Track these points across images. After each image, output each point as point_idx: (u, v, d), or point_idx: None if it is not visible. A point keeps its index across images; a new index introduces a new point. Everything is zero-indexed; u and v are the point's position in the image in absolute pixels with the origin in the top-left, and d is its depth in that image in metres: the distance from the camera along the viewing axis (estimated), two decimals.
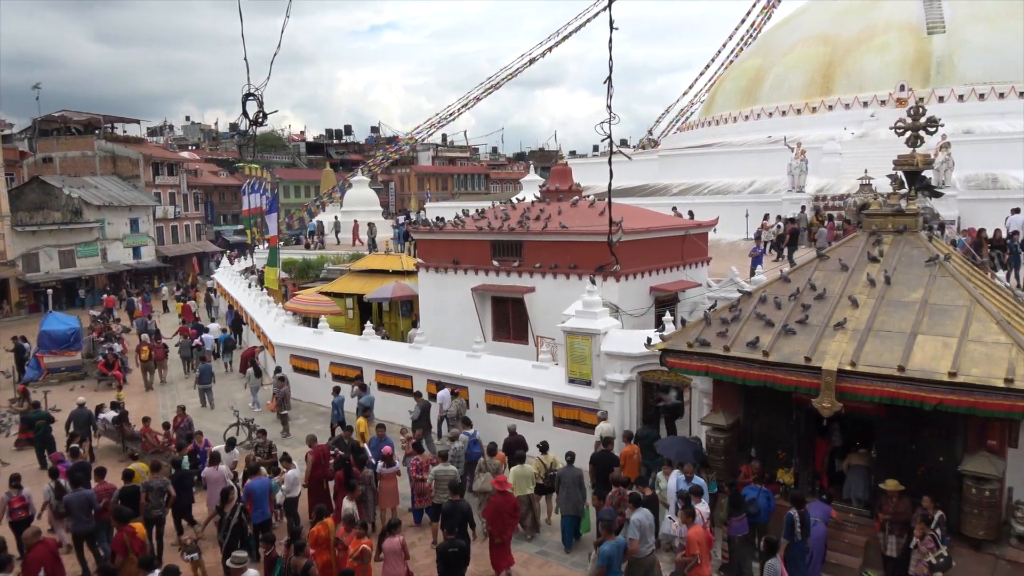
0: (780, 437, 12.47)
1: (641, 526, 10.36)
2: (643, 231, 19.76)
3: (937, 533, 10.05)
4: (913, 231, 12.93)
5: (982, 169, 33.49)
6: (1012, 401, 9.65)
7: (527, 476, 12.97)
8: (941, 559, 9.88)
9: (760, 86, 47.02)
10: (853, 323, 11.48)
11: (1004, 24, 40.49)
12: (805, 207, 30.64)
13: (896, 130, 13.93)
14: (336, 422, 17.35)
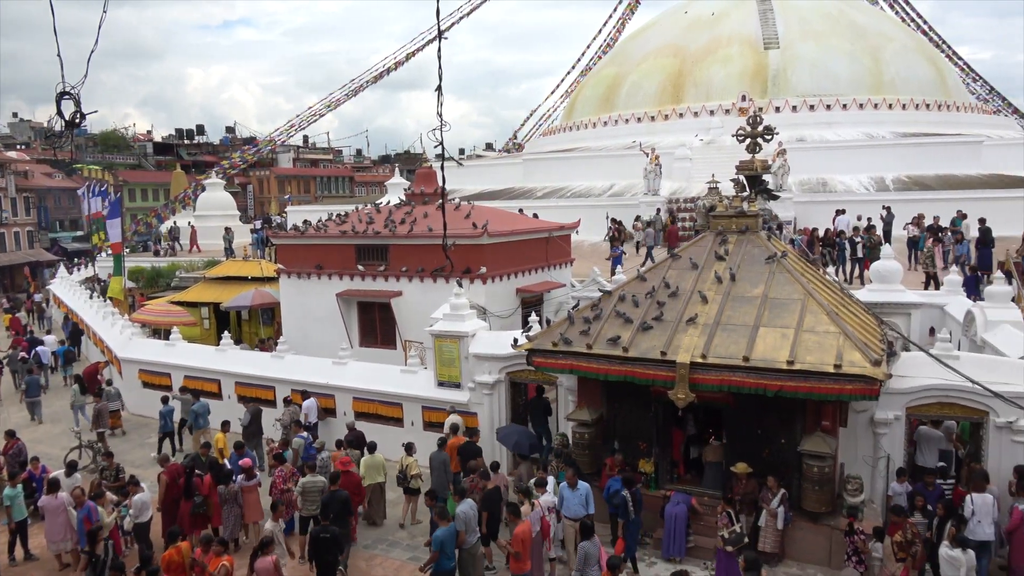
0: (641, 429, 13.03)
1: (466, 517, 10.78)
2: (508, 234, 20.06)
3: (730, 512, 10.99)
4: (754, 231, 13.93)
5: (814, 174, 36.63)
6: (841, 385, 10.61)
7: (376, 466, 13.57)
8: (733, 534, 10.74)
9: (617, 93, 49.05)
10: (703, 318, 12.20)
11: (829, 42, 44.58)
12: (660, 209, 32.23)
13: (737, 137, 14.96)
14: (163, 433, 17.61)
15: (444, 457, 13.53)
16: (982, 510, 10.68)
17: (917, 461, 12.44)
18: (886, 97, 42.84)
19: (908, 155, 37.50)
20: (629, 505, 11.41)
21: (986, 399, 11.28)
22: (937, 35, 58.64)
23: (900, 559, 10.03)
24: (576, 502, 11.55)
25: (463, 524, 10.70)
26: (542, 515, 10.96)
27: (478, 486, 12.09)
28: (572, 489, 11.64)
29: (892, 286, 17.92)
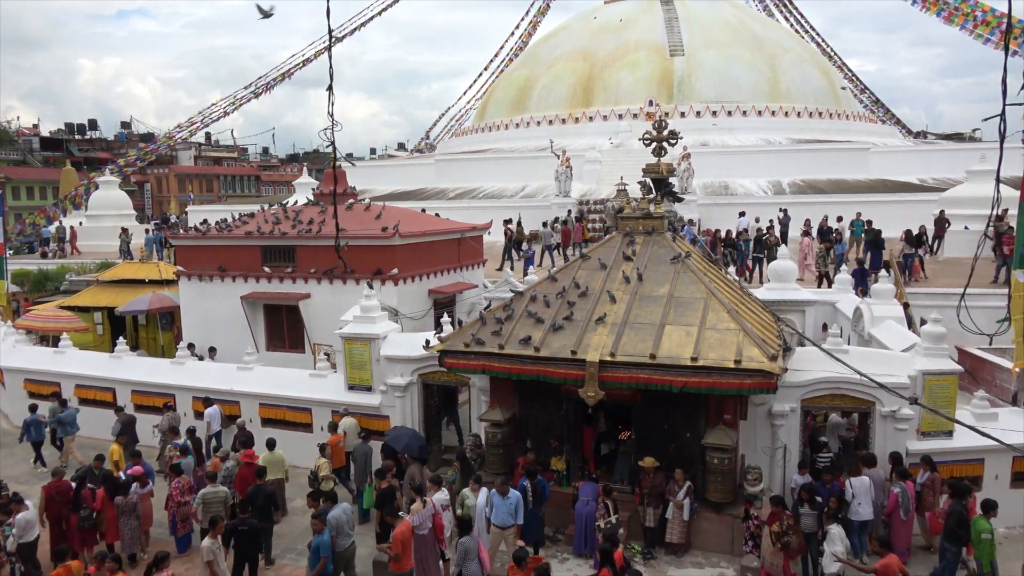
0: (552, 427, 13.19)
1: (337, 521, 10.79)
2: (420, 234, 19.91)
3: (608, 504, 11.37)
4: (660, 232, 14.34)
5: (716, 177, 38.07)
6: (741, 380, 11.06)
7: (276, 461, 13.68)
8: (609, 525, 11.09)
9: (529, 96, 49.54)
10: (612, 317, 12.46)
11: (730, 51, 46.45)
12: (571, 210, 32.71)
13: (643, 141, 15.37)
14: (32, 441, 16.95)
15: (367, 449, 13.76)
16: (860, 492, 11.46)
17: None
18: (782, 105, 45.01)
19: (803, 160, 39.52)
20: (528, 495, 11.64)
21: (872, 390, 12.00)
22: (829, 47, 62.10)
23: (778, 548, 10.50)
24: (505, 510, 11.35)
25: (335, 528, 10.71)
26: (433, 513, 10.97)
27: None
28: (503, 497, 11.40)
29: (788, 285, 18.85)
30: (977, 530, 10.37)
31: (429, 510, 10.88)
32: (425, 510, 10.82)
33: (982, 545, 10.32)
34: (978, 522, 10.42)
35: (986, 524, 10.35)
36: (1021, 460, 12.36)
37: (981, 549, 10.36)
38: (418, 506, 10.85)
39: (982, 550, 10.35)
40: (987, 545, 10.30)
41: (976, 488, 12.62)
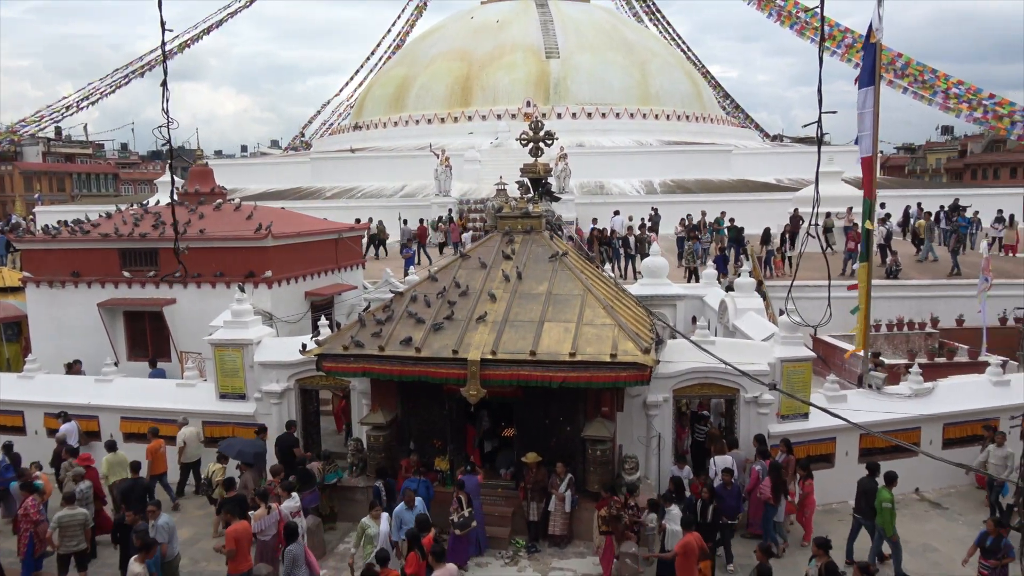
0: (435, 428, 13.14)
1: (169, 528, 10.63)
2: (294, 235, 19.28)
3: (461, 498, 11.45)
4: (538, 231, 14.60)
5: (592, 177, 39.21)
6: (616, 373, 11.44)
7: (120, 462, 13.38)
8: (462, 518, 11.25)
9: (407, 94, 49.09)
10: (493, 316, 12.56)
11: (603, 55, 47.95)
12: (451, 210, 32.70)
13: (520, 142, 15.59)
14: None
15: (260, 446, 13.71)
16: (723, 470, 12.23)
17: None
18: (653, 108, 46.96)
19: (672, 161, 41.42)
20: (382, 495, 11.73)
21: (736, 378, 12.74)
22: (694, 54, 65.31)
23: (603, 532, 10.95)
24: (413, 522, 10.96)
25: (165, 535, 10.49)
26: (279, 520, 10.76)
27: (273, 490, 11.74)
28: (409, 509, 11.05)
29: (660, 280, 19.68)
30: (880, 500, 11.27)
31: (273, 517, 10.69)
32: (269, 516, 10.64)
33: (884, 513, 11.24)
34: (881, 492, 11.34)
35: (888, 494, 11.29)
36: (867, 437, 13.49)
37: (883, 517, 11.24)
38: (261, 512, 10.67)
39: (884, 518, 11.25)
40: (888, 513, 11.21)
41: (827, 465, 13.76)
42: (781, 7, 46.71)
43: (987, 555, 10.11)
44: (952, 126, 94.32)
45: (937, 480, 14.32)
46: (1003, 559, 9.96)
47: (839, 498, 13.88)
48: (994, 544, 10.10)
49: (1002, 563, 9.99)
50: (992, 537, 10.14)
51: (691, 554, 10.05)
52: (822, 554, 9.37)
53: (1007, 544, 9.99)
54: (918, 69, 42.08)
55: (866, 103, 14.99)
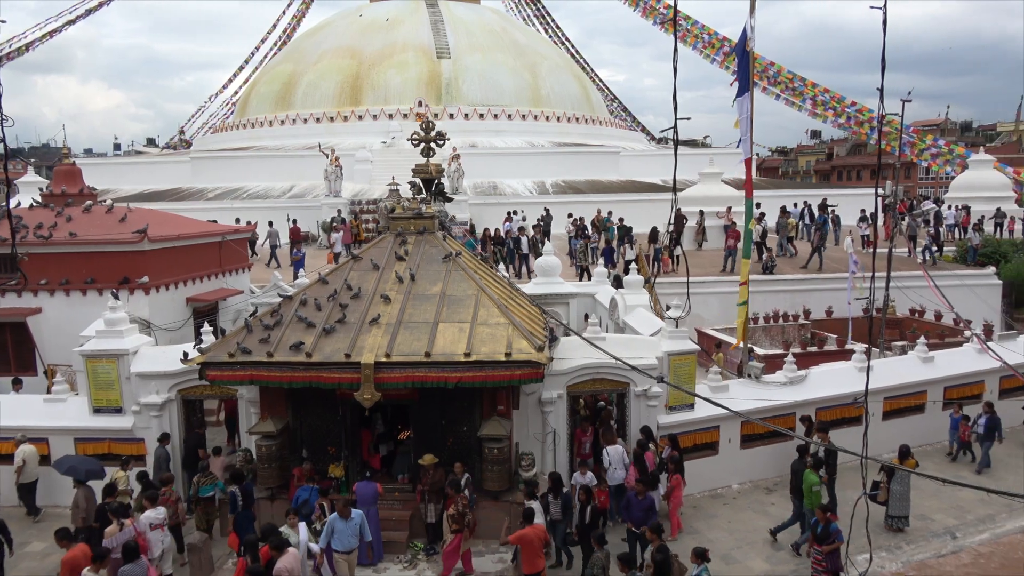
0: (329, 434, 12.81)
1: None
2: (174, 238, 18.32)
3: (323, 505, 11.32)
4: (432, 232, 14.52)
5: (486, 178, 39.45)
6: (511, 371, 11.53)
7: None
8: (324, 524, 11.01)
9: (294, 92, 47.68)
10: (386, 318, 12.39)
11: (494, 56, 48.29)
12: (341, 210, 32.03)
13: (412, 142, 15.46)
14: None
15: (164, 453, 13.35)
16: (615, 459, 12.76)
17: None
18: (544, 110, 47.73)
19: (563, 162, 42.29)
20: (238, 501, 11.57)
21: (627, 372, 13.13)
22: (582, 58, 66.87)
23: (454, 530, 11.11)
24: (349, 533, 10.60)
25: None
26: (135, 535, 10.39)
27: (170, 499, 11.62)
28: (345, 519, 10.59)
29: (553, 279, 20.02)
30: (808, 483, 11.95)
31: (127, 532, 10.22)
32: (121, 533, 10.17)
33: (811, 496, 11.90)
34: (808, 476, 12.02)
35: (814, 477, 11.97)
36: (748, 424, 14.25)
37: (811, 499, 11.90)
38: (112, 529, 10.20)
39: (811, 499, 11.89)
40: (816, 496, 11.87)
41: (712, 452, 14.43)
42: (664, 15, 48.63)
43: (819, 541, 10.70)
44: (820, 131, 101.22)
45: None
46: (832, 543, 10.53)
47: (724, 483, 14.60)
48: (824, 531, 10.66)
49: (832, 547, 10.54)
50: (822, 524, 10.71)
51: (527, 546, 10.26)
52: (655, 538, 9.96)
53: (835, 529, 10.57)
54: (789, 77, 44.93)
55: (743, 109, 15.80)
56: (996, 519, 13.37)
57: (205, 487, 12.34)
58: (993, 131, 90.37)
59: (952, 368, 16.99)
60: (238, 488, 11.83)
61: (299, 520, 10.63)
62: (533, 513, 10.69)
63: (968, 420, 15.63)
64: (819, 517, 10.85)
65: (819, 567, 10.73)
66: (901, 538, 12.70)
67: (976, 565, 11.89)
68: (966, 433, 15.63)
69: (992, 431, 15.21)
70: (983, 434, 15.22)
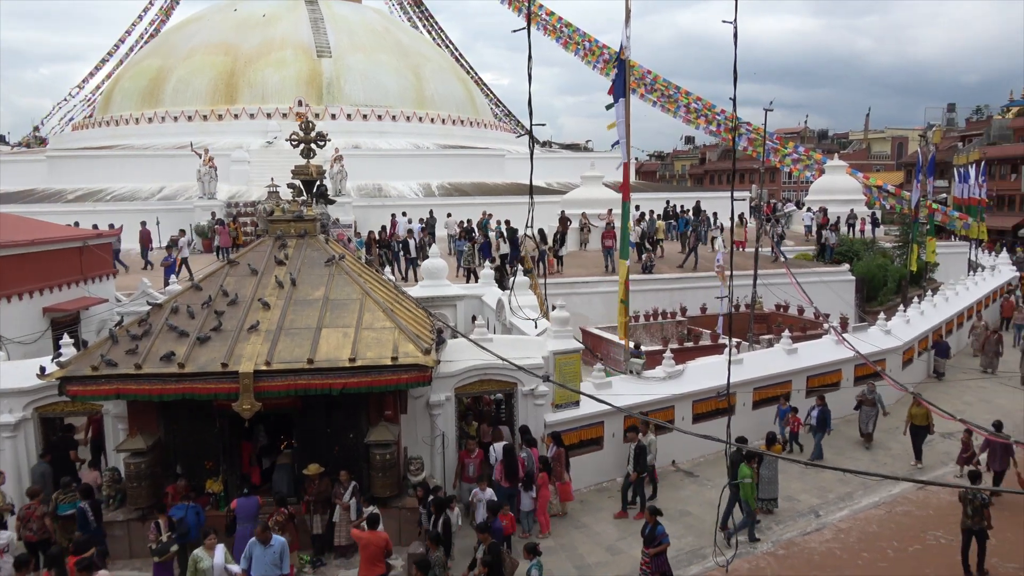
0: (206, 448, 12.22)
1: None
2: (26, 244, 16.91)
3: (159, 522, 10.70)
4: (313, 235, 14.14)
5: (370, 180, 38.83)
6: (398, 375, 11.42)
7: None
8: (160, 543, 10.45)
9: (163, 88, 45.14)
10: (266, 324, 11.95)
11: (377, 56, 47.59)
12: (215, 213, 30.62)
13: (291, 142, 15.00)
14: None
15: (44, 468, 12.47)
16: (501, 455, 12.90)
17: None
18: (428, 112, 47.51)
19: (449, 164, 42.27)
20: (89, 516, 11.12)
21: (514, 372, 13.28)
22: (466, 61, 67.09)
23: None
24: (268, 560, 9.87)
25: None
26: None
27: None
28: (264, 546, 9.88)
29: (440, 282, 19.99)
30: (741, 475, 12.38)
31: None
32: None
33: (744, 487, 12.39)
34: (743, 468, 12.43)
35: (747, 470, 12.43)
36: (630, 418, 14.75)
37: (744, 490, 12.40)
38: None
39: (745, 491, 12.40)
40: (749, 487, 12.37)
41: (597, 447, 14.83)
42: (545, 20, 49.56)
43: (646, 543, 10.85)
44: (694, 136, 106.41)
45: (689, 452, 16.00)
46: (659, 546, 10.73)
47: (609, 477, 15.05)
48: (650, 532, 10.80)
49: (659, 550, 10.72)
50: (649, 525, 10.88)
51: (364, 549, 10.19)
52: (486, 537, 10.15)
53: (661, 532, 10.76)
54: (664, 85, 46.89)
55: (621, 114, 16.36)
56: (854, 496, 14.51)
57: (63, 504, 11.47)
58: (846, 139, 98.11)
59: (813, 359, 18.29)
60: (88, 504, 11.24)
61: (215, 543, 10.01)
62: (377, 519, 10.56)
63: (796, 412, 16.38)
64: (647, 519, 10.98)
65: (647, 569, 10.83)
66: (771, 519, 13.53)
67: (837, 540, 12.85)
68: (796, 425, 16.34)
69: (824, 423, 16.11)
70: (815, 426, 16.06)
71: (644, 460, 13.61)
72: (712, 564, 11.85)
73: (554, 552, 12.31)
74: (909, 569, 11.91)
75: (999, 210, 57.60)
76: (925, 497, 14.47)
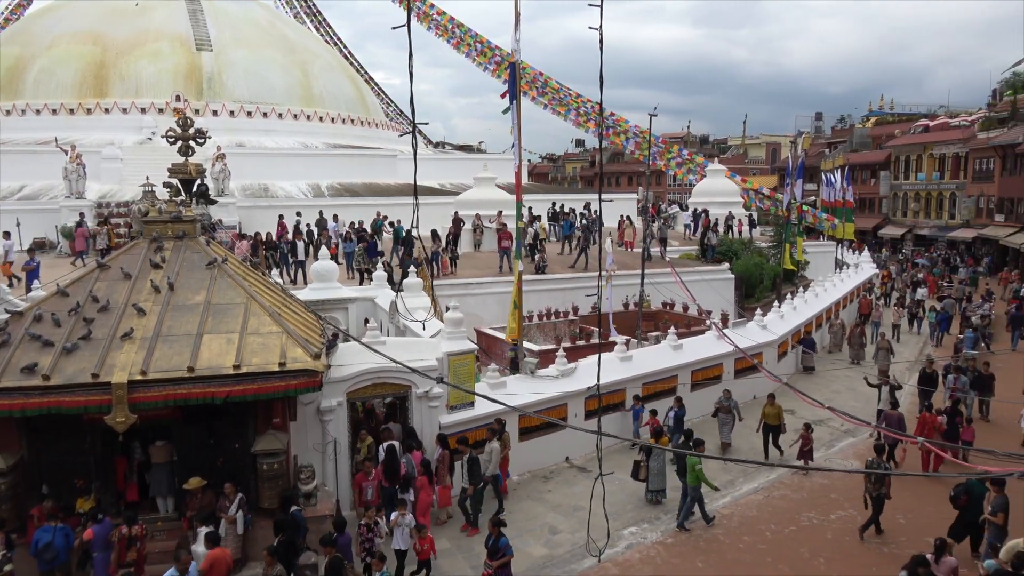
0: (76, 465, 11.40)
1: None
2: None
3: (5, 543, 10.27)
4: (192, 237, 13.46)
5: (256, 179, 37.39)
6: (287, 382, 11.06)
7: None
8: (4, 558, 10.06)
9: (22, 79, 41.70)
10: (141, 331, 11.28)
11: (262, 52, 45.86)
12: (84, 214, 28.59)
13: (168, 139, 14.23)
14: None
15: None
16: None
17: None
18: (317, 110, 46.24)
19: (339, 164, 41.30)
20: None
21: (407, 375, 13.14)
22: (356, 60, 65.79)
23: None
24: None
25: None
26: None
27: None
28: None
29: (330, 284, 19.52)
30: (690, 463, 13.10)
31: None
32: None
33: (693, 473, 13.09)
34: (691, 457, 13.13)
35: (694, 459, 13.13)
36: (524, 418, 14.92)
37: (692, 476, 13.13)
38: None
39: (693, 477, 13.12)
40: (699, 473, 13.08)
41: None
42: (437, 21, 49.38)
43: (490, 555, 10.62)
44: (584, 139, 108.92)
45: (582, 448, 16.34)
46: (502, 557, 10.51)
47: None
48: (494, 544, 10.61)
49: (502, 561, 10.51)
50: (493, 537, 10.68)
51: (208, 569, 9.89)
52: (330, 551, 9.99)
53: (505, 544, 10.56)
54: (555, 88, 47.72)
55: (513, 116, 16.52)
56: (735, 484, 15.29)
57: None
58: (725, 144, 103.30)
59: (697, 354, 19.13)
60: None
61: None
62: (218, 538, 10.27)
63: (655, 414, 16.22)
64: (491, 531, 10.80)
65: None
66: (660, 509, 14.04)
67: (720, 526, 13.49)
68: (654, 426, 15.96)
69: (680, 423, 16.28)
70: (672, 426, 16.13)
71: (477, 471, 13.12)
72: (607, 557, 12.16)
73: (450, 555, 12.29)
74: (786, 549, 12.65)
75: (861, 212, 62.19)
76: (799, 482, 15.42)
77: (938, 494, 13.36)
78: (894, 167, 64.15)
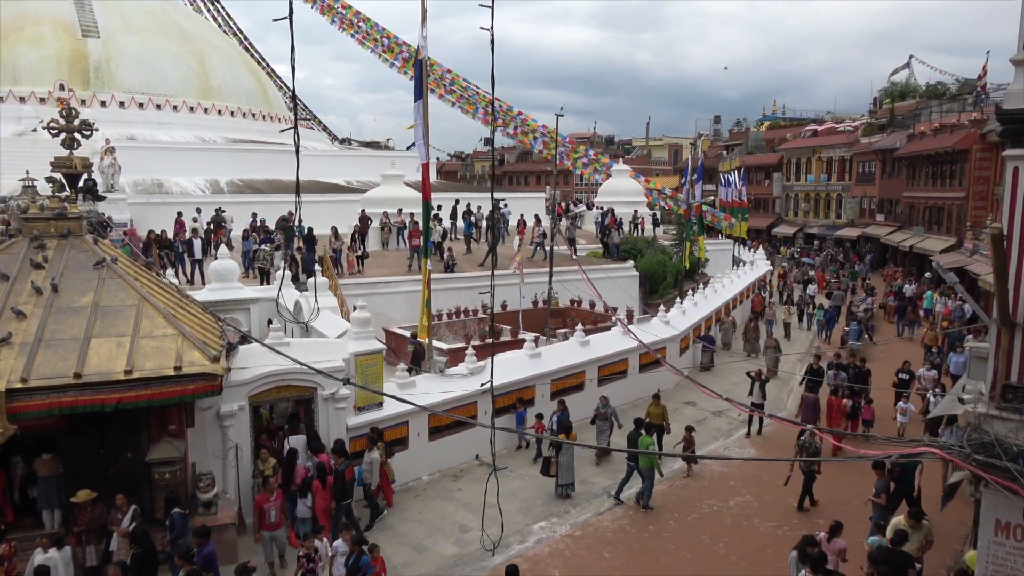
0: None
1: None
2: None
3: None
4: (78, 235, 12.68)
5: (149, 175, 35.56)
6: (183, 386, 10.58)
7: None
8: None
9: None
10: (21, 336, 10.54)
11: (155, 41, 43.62)
12: None
13: (50, 131, 13.36)
14: None
15: None
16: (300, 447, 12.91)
17: None
18: (215, 103, 44.43)
19: (239, 160, 39.81)
20: None
21: (313, 376, 12.83)
22: (257, 52, 63.62)
23: None
24: None
25: None
26: None
27: None
28: None
29: (230, 284, 18.81)
30: (643, 445, 14.09)
31: None
32: None
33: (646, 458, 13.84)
34: (643, 439, 14.24)
35: (648, 439, 14.41)
36: (434, 417, 14.85)
37: (645, 460, 13.90)
38: None
39: (646, 461, 13.89)
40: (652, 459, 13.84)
41: (402, 447, 14.77)
42: (342, 14, 48.37)
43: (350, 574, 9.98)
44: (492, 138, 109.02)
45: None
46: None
47: (415, 476, 15.06)
48: (354, 563, 9.95)
49: None
50: (354, 556, 10.03)
51: None
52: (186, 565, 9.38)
53: (366, 563, 9.94)
54: (463, 86, 47.63)
55: (419, 114, 16.38)
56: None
57: None
58: (630, 145, 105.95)
59: (604, 349, 19.57)
60: None
61: None
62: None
63: (541, 417, 16.26)
64: (351, 549, 10.15)
65: None
66: (569, 503, 14.28)
67: (627, 517, 13.86)
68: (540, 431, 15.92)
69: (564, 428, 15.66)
70: (555, 431, 15.77)
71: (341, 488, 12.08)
72: (517, 552, 12.27)
73: None
74: (688, 536, 13.13)
75: (756, 212, 65.21)
76: (699, 471, 16.02)
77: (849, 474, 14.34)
78: (786, 169, 67.60)
